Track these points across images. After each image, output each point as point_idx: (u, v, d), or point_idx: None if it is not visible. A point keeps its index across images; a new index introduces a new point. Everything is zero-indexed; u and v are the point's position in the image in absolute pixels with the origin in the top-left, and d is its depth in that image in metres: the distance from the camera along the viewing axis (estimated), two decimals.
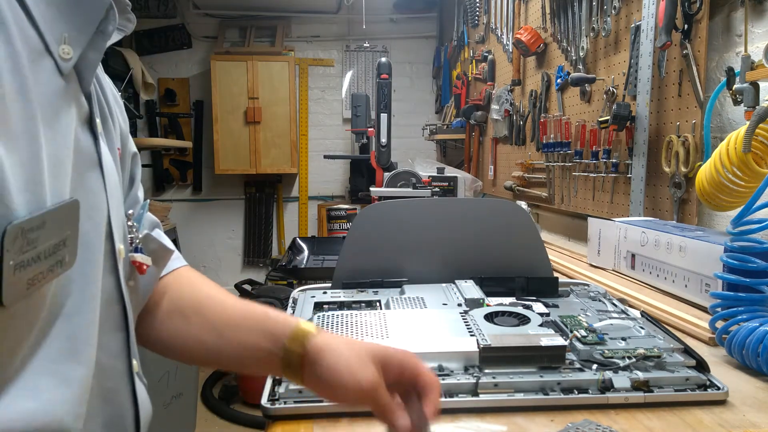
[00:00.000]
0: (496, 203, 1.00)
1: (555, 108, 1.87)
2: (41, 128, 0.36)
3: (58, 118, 0.39)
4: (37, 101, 0.36)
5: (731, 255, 0.74)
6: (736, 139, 0.89)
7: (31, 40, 0.37)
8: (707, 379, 0.61)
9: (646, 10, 1.29)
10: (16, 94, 0.34)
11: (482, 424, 0.55)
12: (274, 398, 0.57)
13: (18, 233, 0.33)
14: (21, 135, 0.35)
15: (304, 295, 0.87)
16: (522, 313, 0.72)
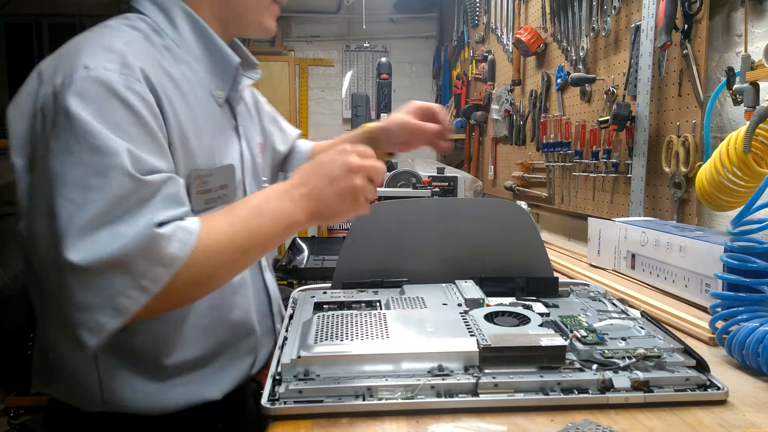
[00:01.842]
0: (496, 203, 0.99)
1: (555, 108, 1.87)
2: (211, 130, 0.76)
3: (220, 126, 0.79)
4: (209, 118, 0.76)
5: (731, 255, 0.74)
6: (736, 139, 0.89)
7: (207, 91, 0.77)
8: (707, 379, 0.61)
9: (646, 10, 1.29)
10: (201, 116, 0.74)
11: (482, 424, 0.55)
12: (274, 398, 0.57)
13: (197, 176, 0.71)
14: (203, 133, 0.74)
15: (304, 295, 0.86)
16: (522, 313, 0.72)
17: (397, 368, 0.60)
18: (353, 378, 0.59)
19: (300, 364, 0.60)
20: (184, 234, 0.61)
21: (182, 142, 0.69)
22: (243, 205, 0.68)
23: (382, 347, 0.62)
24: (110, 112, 0.60)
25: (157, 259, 0.58)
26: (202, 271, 0.63)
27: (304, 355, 0.60)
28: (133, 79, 0.63)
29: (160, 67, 0.69)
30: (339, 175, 0.66)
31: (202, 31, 0.75)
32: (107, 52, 0.63)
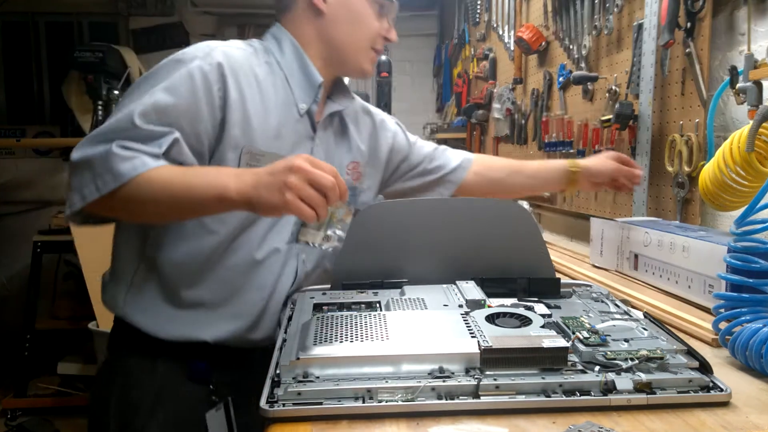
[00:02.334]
0: (497, 203, 0.99)
1: (557, 107, 1.86)
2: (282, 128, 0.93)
3: (295, 129, 0.96)
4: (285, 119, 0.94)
5: (735, 255, 0.73)
6: (740, 139, 0.88)
7: (292, 101, 0.96)
8: (710, 380, 0.60)
9: (648, 8, 1.28)
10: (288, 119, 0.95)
11: (483, 427, 0.54)
12: (272, 400, 0.57)
13: (249, 151, 0.88)
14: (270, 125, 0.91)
15: (304, 296, 0.86)
16: (523, 314, 0.72)
17: (397, 370, 0.60)
18: (353, 380, 0.58)
19: (299, 365, 0.59)
20: (140, 163, 0.77)
21: (243, 119, 0.88)
22: (195, 167, 0.84)
23: (382, 349, 0.62)
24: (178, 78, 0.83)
25: (109, 169, 0.76)
26: (136, 196, 0.78)
27: (303, 357, 0.60)
28: (206, 63, 0.85)
29: (249, 69, 0.91)
30: (279, 170, 0.73)
31: (300, 57, 0.97)
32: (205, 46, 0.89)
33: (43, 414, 2.58)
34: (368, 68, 1.01)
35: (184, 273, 0.88)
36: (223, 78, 0.86)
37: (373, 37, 0.99)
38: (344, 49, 0.98)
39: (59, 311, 2.88)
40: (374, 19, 0.97)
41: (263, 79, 0.92)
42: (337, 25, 0.97)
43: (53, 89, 3.53)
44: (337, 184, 0.72)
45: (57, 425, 2.51)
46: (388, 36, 1.00)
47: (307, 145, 0.97)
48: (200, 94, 0.84)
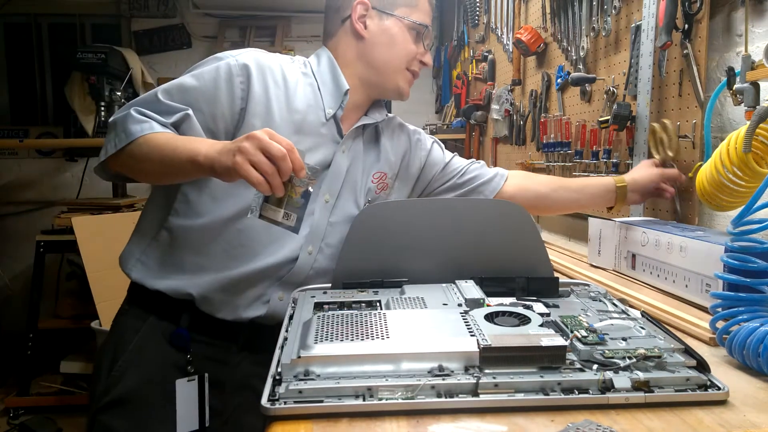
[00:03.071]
0: (496, 203, 1.00)
1: (555, 108, 1.87)
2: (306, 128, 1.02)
3: (319, 131, 1.03)
4: (309, 120, 1.03)
5: (732, 255, 0.74)
6: (737, 139, 0.88)
7: (320, 106, 1.04)
8: (708, 379, 0.60)
9: (646, 10, 1.29)
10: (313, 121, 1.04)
11: (482, 425, 0.55)
12: (273, 398, 0.57)
13: None
14: (291, 121, 1.00)
15: (304, 295, 0.86)
16: (522, 313, 0.72)
17: (397, 368, 0.60)
18: (353, 378, 0.59)
19: (300, 364, 0.60)
20: (148, 126, 0.90)
21: (266, 112, 0.97)
22: (188, 136, 0.91)
23: (383, 347, 0.62)
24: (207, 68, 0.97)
25: (124, 128, 0.90)
26: (138, 154, 0.89)
27: (304, 355, 0.60)
28: (234, 60, 0.97)
29: (280, 71, 1.01)
30: (239, 138, 0.78)
31: (333, 68, 1.06)
32: (244, 50, 1.01)
33: (46, 413, 2.59)
34: (405, 88, 1.09)
35: (193, 241, 0.98)
36: (248, 74, 0.96)
37: (410, 60, 1.07)
38: (382, 69, 1.06)
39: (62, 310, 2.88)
40: (410, 43, 1.06)
41: (294, 82, 1.02)
42: (376, 48, 1.06)
43: (56, 90, 3.54)
44: (289, 157, 0.75)
45: (60, 424, 2.52)
46: (423, 60, 1.08)
47: (330, 148, 1.04)
48: (221, 83, 0.95)
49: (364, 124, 1.09)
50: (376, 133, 1.14)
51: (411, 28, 1.06)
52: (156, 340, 0.98)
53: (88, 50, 2.70)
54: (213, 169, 0.81)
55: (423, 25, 1.07)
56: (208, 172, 0.82)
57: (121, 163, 0.93)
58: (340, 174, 1.05)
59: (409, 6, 1.06)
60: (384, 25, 1.05)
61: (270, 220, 0.80)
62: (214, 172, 0.81)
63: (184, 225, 0.98)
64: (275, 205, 0.79)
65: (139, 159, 0.90)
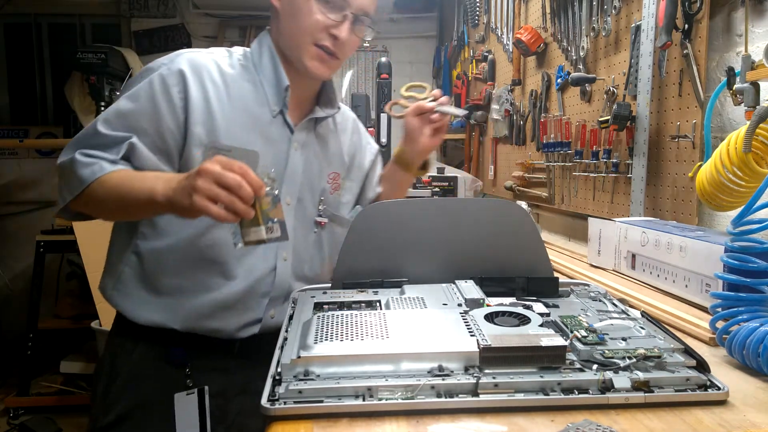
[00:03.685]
0: (496, 203, 0.99)
1: (555, 108, 1.87)
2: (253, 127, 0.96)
3: (268, 130, 0.98)
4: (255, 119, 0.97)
5: (732, 255, 0.74)
6: (737, 139, 0.89)
7: (265, 104, 0.98)
8: (708, 379, 0.60)
9: (646, 10, 1.29)
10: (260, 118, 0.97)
11: (482, 425, 0.55)
12: (273, 398, 0.57)
13: (213, 146, 0.88)
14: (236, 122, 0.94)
15: (305, 295, 0.86)
16: (522, 313, 0.72)
17: (397, 368, 0.60)
18: (353, 378, 0.59)
19: (300, 364, 0.60)
20: (98, 168, 0.87)
21: (207, 117, 0.92)
22: (143, 172, 0.89)
23: (382, 347, 0.62)
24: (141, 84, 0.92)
25: (75, 174, 0.88)
26: (95, 197, 0.87)
27: (304, 355, 0.60)
28: (166, 69, 0.92)
29: (217, 70, 0.95)
30: (192, 174, 0.77)
31: (275, 61, 0.98)
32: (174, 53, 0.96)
33: (46, 412, 2.59)
34: (311, 65, 0.95)
35: (165, 263, 0.94)
36: (184, 80, 0.91)
37: (315, 32, 0.92)
38: (289, 44, 0.96)
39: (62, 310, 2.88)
40: (317, 13, 0.92)
41: (235, 79, 0.96)
42: (282, 21, 0.96)
43: (56, 90, 3.54)
44: (247, 181, 0.74)
45: (59, 424, 2.52)
46: (334, 32, 0.93)
47: (283, 146, 0.98)
48: (159, 98, 0.90)
49: (315, 118, 1.03)
50: (329, 127, 1.08)
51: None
52: (152, 358, 0.96)
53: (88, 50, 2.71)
54: (173, 208, 0.80)
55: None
56: (169, 211, 0.82)
57: (81, 205, 0.91)
58: (297, 173, 1.00)
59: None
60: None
61: (257, 241, 0.78)
62: (174, 210, 0.80)
63: (154, 248, 0.94)
64: (253, 225, 0.78)
65: (98, 202, 0.88)
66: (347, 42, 0.94)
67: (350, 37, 0.94)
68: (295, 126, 0.99)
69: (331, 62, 0.96)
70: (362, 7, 0.94)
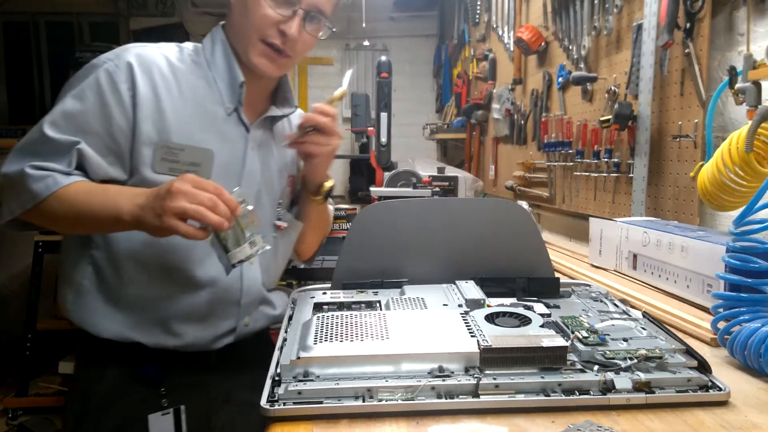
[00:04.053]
0: (497, 203, 0.99)
1: (556, 107, 1.87)
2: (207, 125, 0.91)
3: (223, 128, 0.92)
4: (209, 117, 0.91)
5: (733, 255, 0.73)
6: (738, 139, 0.88)
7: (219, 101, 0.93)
8: (709, 380, 0.60)
9: (648, 9, 1.28)
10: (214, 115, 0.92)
11: (483, 426, 0.55)
12: (273, 399, 0.57)
13: (164, 146, 0.87)
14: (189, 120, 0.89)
15: (304, 295, 0.86)
16: (523, 313, 0.72)
17: (397, 369, 0.60)
18: (353, 379, 0.59)
19: (299, 365, 0.60)
20: (52, 182, 0.81)
21: (156, 114, 0.87)
22: (103, 186, 0.85)
23: (382, 348, 0.62)
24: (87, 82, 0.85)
25: (27, 189, 0.82)
26: (50, 212, 0.82)
27: (303, 356, 0.60)
28: (114, 64, 0.86)
29: (168, 66, 0.90)
30: (162, 193, 0.74)
31: (229, 57, 0.93)
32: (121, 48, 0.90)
33: (45, 413, 2.58)
34: (258, 62, 0.90)
35: (125, 272, 0.89)
36: (132, 76, 0.86)
37: (262, 27, 0.87)
38: (237, 40, 0.92)
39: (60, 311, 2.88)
40: (266, 7, 0.86)
41: (186, 75, 0.91)
42: (233, 14, 0.92)
43: (54, 89, 3.54)
44: (221, 200, 0.72)
45: (58, 424, 2.52)
46: (282, 28, 0.88)
47: (239, 145, 0.93)
48: (107, 96, 0.84)
49: (271, 116, 0.98)
50: (287, 127, 1.03)
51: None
52: (123, 379, 0.91)
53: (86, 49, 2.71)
54: (140, 227, 0.77)
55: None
56: (136, 229, 0.78)
57: (33, 218, 0.85)
58: (254, 174, 0.95)
59: None
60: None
61: (244, 259, 0.77)
62: (142, 229, 0.77)
63: (110, 256, 0.89)
64: (237, 246, 0.76)
65: (53, 217, 0.83)
66: (298, 40, 0.89)
67: (301, 34, 0.89)
68: (250, 124, 0.95)
69: (279, 60, 0.90)
70: (315, 4, 0.89)
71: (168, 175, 0.85)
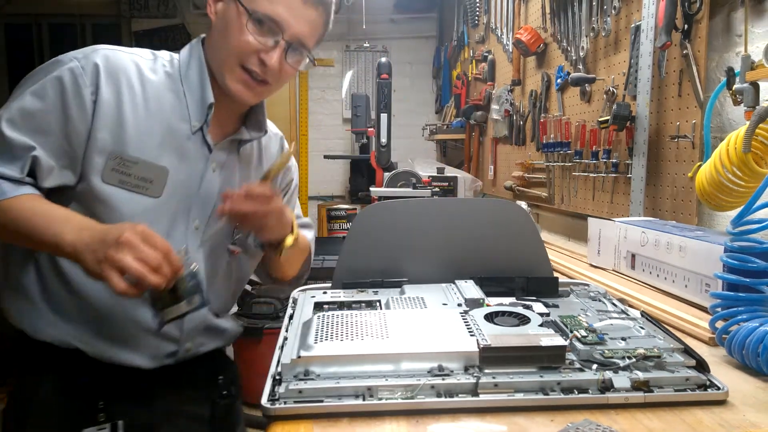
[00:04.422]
0: (496, 203, 1.00)
1: (555, 108, 1.87)
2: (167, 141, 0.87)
3: (184, 146, 0.88)
4: (172, 133, 0.87)
5: (731, 255, 0.74)
6: (736, 139, 0.89)
7: (186, 118, 0.88)
8: (707, 379, 0.61)
9: (646, 10, 1.29)
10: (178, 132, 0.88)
11: (482, 424, 0.55)
12: (274, 398, 0.57)
13: (118, 156, 0.83)
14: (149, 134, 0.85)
15: (304, 295, 0.87)
16: (522, 313, 0.72)
17: (397, 368, 0.61)
18: (353, 378, 0.59)
19: (300, 363, 0.60)
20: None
21: (115, 123, 0.83)
22: (50, 207, 0.80)
23: (382, 347, 0.62)
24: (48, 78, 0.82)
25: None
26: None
27: (304, 355, 0.60)
28: (80, 65, 0.83)
29: (136, 74, 0.86)
30: (109, 239, 0.70)
31: (203, 75, 0.89)
32: (90, 48, 0.86)
33: None
34: (235, 88, 0.86)
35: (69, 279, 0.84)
36: (97, 80, 0.82)
37: (242, 54, 0.84)
38: (214, 62, 0.88)
39: None
40: (246, 33, 0.83)
41: (156, 87, 0.87)
42: (213, 35, 0.89)
43: None
44: (166, 260, 0.69)
45: None
46: (263, 57, 0.84)
47: (199, 165, 0.89)
48: (68, 97, 0.81)
49: (239, 139, 0.93)
50: (255, 150, 0.99)
51: (247, 15, 0.83)
52: (60, 390, 0.85)
53: None
54: (79, 263, 0.73)
55: (261, 17, 0.82)
56: (73, 260, 0.74)
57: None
58: (210, 196, 0.90)
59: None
60: (225, 9, 0.86)
61: (178, 317, 0.75)
62: (79, 263, 0.73)
63: (53, 264, 0.84)
64: (171, 302, 0.73)
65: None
66: (278, 70, 0.86)
67: (282, 65, 0.86)
68: (215, 145, 0.90)
69: (257, 88, 0.87)
70: (298, 36, 0.85)
71: (117, 187, 0.82)
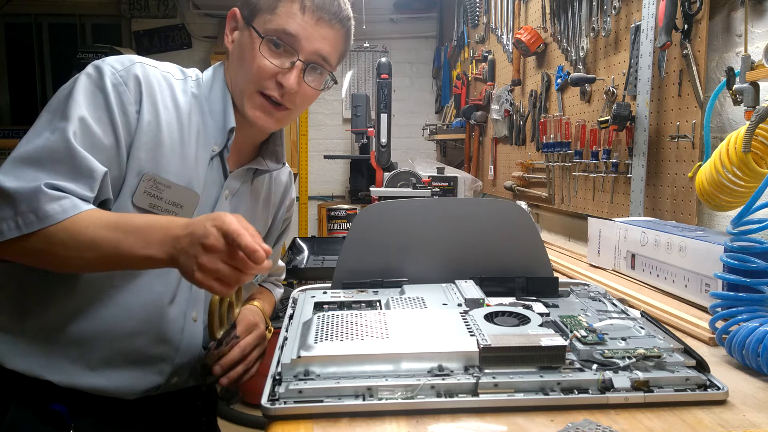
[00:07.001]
0: (496, 203, 1.00)
1: (555, 108, 1.87)
2: (196, 166, 0.86)
3: (207, 172, 0.87)
4: (199, 158, 0.86)
5: (731, 255, 0.74)
6: (736, 139, 0.89)
7: (209, 144, 0.87)
8: (707, 379, 0.61)
9: (646, 10, 1.29)
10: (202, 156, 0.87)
11: (482, 424, 0.55)
12: (274, 398, 0.57)
13: (151, 178, 0.81)
14: (182, 158, 0.84)
15: (304, 295, 0.87)
16: (522, 313, 0.72)
17: (397, 368, 0.61)
18: (353, 378, 0.59)
19: (300, 363, 0.60)
20: (70, 205, 0.71)
21: (154, 143, 0.81)
22: (131, 219, 0.74)
23: (382, 347, 0.62)
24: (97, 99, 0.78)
25: (34, 208, 0.70)
26: (59, 241, 0.70)
27: (304, 355, 0.60)
28: (118, 76, 0.80)
29: (170, 92, 0.85)
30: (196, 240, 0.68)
31: (225, 99, 0.88)
32: (127, 60, 0.83)
33: None
34: (253, 114, 0.85)
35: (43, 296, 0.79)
36: (140, 96, 0.80)
37: (259, 79, 0.83)
38: (233, 87, 0.87)
39: None
40: (262, 58, 0.82)
41: (185, 109, 0.85)
42: (231, 65, 0.88)
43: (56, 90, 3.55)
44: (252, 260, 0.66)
45: None
46: (280, 80, 0.83)
47: (213, 190, 0.88)
48: (116, 114, 0.78)
49: (255, 168, 0.92)
50: (266, 182, 0.98)
51: (262, 39, 0.82)
52: (27, 419, 0.79)
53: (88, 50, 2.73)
54: (174, 266, 0.71)
55: (274, 38, 0.81)
56: (170, 266, 0.72)
57: (20, 249, 0.71)
58: None
59: (269, 12, 0.82)
60: (240, 36, 0.86)
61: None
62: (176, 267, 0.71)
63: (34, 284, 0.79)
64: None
65: (61, 248, 0.70)
66: (297, 92, 0.84)
67: (301, 86, 0.84)
68: (230, 172, 0.89)
69: (276, 113, 0.85)
70: (317, 52, 0.83)
71: (147, 210, 0.80)
